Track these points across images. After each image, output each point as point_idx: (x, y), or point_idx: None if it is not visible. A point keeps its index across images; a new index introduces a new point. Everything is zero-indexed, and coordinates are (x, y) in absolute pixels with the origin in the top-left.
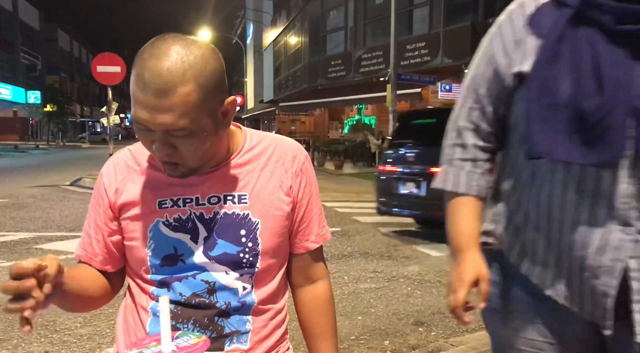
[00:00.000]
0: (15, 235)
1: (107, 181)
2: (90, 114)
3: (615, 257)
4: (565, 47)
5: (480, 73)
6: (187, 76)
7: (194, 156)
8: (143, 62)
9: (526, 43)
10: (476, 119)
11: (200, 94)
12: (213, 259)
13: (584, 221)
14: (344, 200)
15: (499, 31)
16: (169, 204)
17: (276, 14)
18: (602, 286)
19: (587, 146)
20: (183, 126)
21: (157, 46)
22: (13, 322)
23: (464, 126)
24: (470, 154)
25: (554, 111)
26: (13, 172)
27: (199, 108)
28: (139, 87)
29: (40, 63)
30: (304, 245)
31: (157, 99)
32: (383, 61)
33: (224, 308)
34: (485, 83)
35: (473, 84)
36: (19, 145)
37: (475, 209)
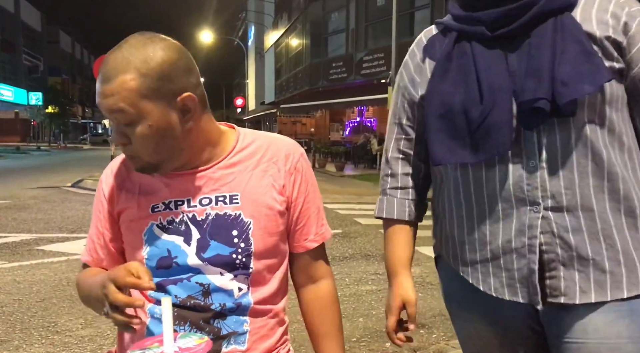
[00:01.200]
0: (16, 236)
1: (105, 187)
2: (92, 115)
3: (532, 234)
4: (453, 63)
5: (398, 106)
6: (130, 65)
7: (145, 148)
8: (105, 57)
9: (426, 70)
10: (403, 147)
11: (141, 83)
12: (206, 261)
13: (501, 211)
14: (345, 202)
15: (404, 67)
16: (162, 207)
17: (277, 16)
18: (528, 264)
19: (477, 146)
20: (122, 108)
21: (120, 42)
22: (14, 323)
23: (393, 157)
24: (401, 182)
25: (446, 120)
26: (14, 173)
27: (139, 94)
28: (97, 77)
29: (42, 65)
30: (303, 244)
31: (104, 85)
32: (384, 63)
33: (219, 309)
34: (404, 113)
35: (394, 117)
36: (21, 146)
37: (407, 234)
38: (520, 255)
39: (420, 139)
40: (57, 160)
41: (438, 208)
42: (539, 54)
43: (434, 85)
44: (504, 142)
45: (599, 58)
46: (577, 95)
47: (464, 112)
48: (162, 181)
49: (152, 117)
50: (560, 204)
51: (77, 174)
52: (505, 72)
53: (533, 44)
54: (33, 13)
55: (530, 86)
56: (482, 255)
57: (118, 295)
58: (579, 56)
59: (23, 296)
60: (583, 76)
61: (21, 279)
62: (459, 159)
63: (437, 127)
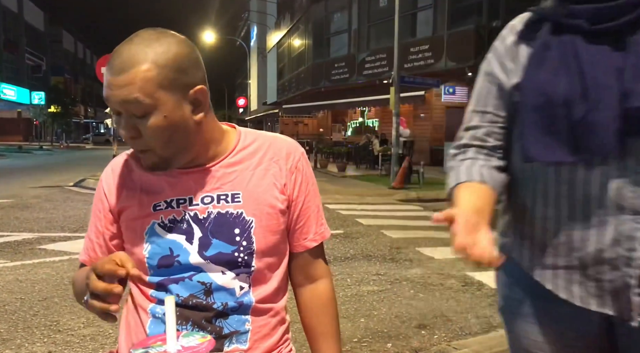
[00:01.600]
0: (19, 235)
1: (106, 185)
2: (94, 115)
3: (630, 247)
4: (551, 53)
5: (484, 93)
6: (147, 56)
7: (158, 140)
8: (114, 51)
9: (519, 56)
10: (483, 135)
11: (158, 73)
12: (208, 259)
13: (596, 217)
14: (346, 202)
15: (493, 52)
16: (163, 206)
17: (280, 17)
18: (623, 278)
19: (577, 145)
20: (137, 98)
21: (130, 37)
22: (17, 322)
23: (468, 144)
24: (470, 155)
25: (543, 112)
26: (17, 173)
27: (156, 84)
28: (107, 69)
29: (44, 64)
30: (302, 243)
31: (117, 77)
32: (387, 63)
33: (221, 309)
34: (489, 100)
35: (477, 104)
36: (23, 146)
37: (475, 191)
38: (614, 266)
39: (505, 131)
40: (60, 160)
41: (517, 206)
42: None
43: (530, 73)
44: (607, 142)
45: None
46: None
47: (565, 104)
48: (164, 180)
49: (167, 109)
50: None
51: (79, 173)
52: (612, 70)
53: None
54: (36, 13)
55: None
56: (568, 261)
57: (97, 283)
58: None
59: (25, 295)
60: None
61: (23, 278)
62: (556, 157)
63: (532, 121)
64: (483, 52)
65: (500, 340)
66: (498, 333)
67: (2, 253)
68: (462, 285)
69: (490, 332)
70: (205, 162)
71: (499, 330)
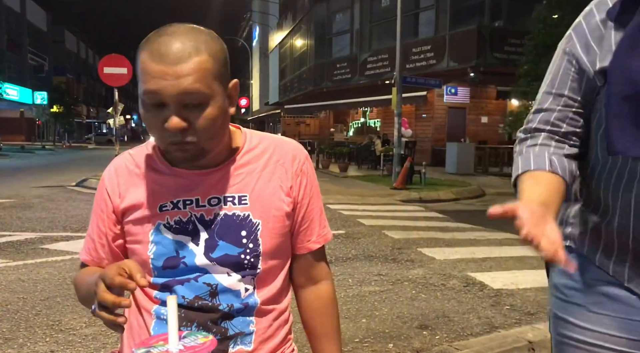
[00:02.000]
0: (21, 235)
1: (109, 185)
2: (97, 115)
3: None
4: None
5: (561, 74)
6: (201, 47)
7: (208, 131)
8: (154, 42)
9: (609, 38)
10: (555, 120)
11: (214, 64)
12: (214, 261)
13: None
14: (348, 203)
15: (576, 31)
16: (170, 206)
17: (282, 17)
18: None
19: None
20: (199, 89)
21: (164, 29)
22: (19, 321)
23: (538, 128)
24: (541, 141)
25: (633, 103)
26: (19, 172)
27: (213, 76)
28: (154, 60)
29: (47, 64)
30: (306, 245)
31: (174, 67)
32: (389, 63)
33: (227, 310)
34: (568, 83)
35: (552, 86)
36: (26, 145)
37: (543, 181)
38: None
39: (582, 117)
40: (62, 159)
41: (592, 197)
42: None
43: (620, 59)
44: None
45: None
46: None
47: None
48: (171, 180)
49: (220, 100)
50: None
51: (82, 173)
52: None
53: None
54: (39, 13)
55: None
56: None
57: (106, 294)
58: None
59: (27, 294)
60: None
61: (25, 277)
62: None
63: (620, 111)
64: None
65: (501, 341)
66: (500, 333)
67: (5, 253)
68: (464, 286)
69: (492, 333)
70: (214, 163)
71: (500, 330)
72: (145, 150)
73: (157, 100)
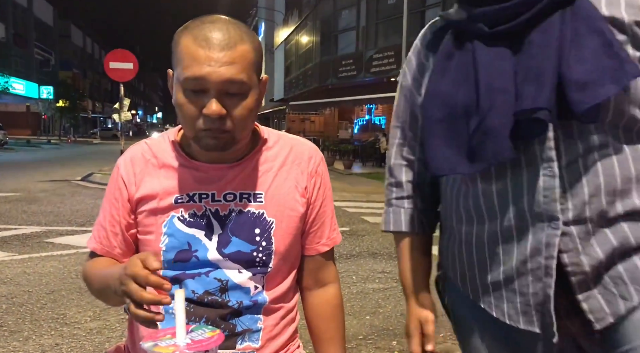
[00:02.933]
0: (27, 229)
1: (125, 173)
2: (102, 110)
3: (548, 254)
4: (454, 62)
5: (401, 108)
6: (245, 37)
7: (244, 121)
8: (198, 28)
9: (429, 67)
10: (406, 154)
11: (255, 55)
12: (227, 257)
13: (515, 227)
14: (353, 200)
15: (408, 65)
16: (185, 199)
17: (288, 13)
18: (544, 289)
19: (473, 155)
20: (243, 78)
21: (207, 18)
22: (24, 314)
23: (397, 164)
24: (406, 191)
25: (445, 125)
26: (25, 166)
27: (254, 68)
28: (199, 45)
29: (53, 59)
30: (315, 247)
31: (221, 53)
32: (394, 61)
33: (236, 307)
34: (406, 116)
35: (397, 119)
36: (31, 140)
37: (419, 247)
38: (537, 277)
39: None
40: (67, 154)
41: (446, 222)
42: (541, 54)
43: (432, 85)
44: (501, 150)
45: (623, 50)
46: (597, 99)
47: (464, 115)
48: (189, 173)
49: (256, 92)
50: (583, 216)
51: (87, 168)
52: (507, 72)
53: (535, 41)
54: (45, 7)
55: (530, 92)
56: (495, 276)
57: (144, 294)
58: (599, 49)
59: (33, 288)
60: (604, 74)
61: (31, 271)
62: (455, 170)
63: (435, 133)
64: None
65: None
66: None
67: (10, 246)
68: None
69: None
70: (232, 159)
71: None
72: (163, 141)
73: (199, 86)
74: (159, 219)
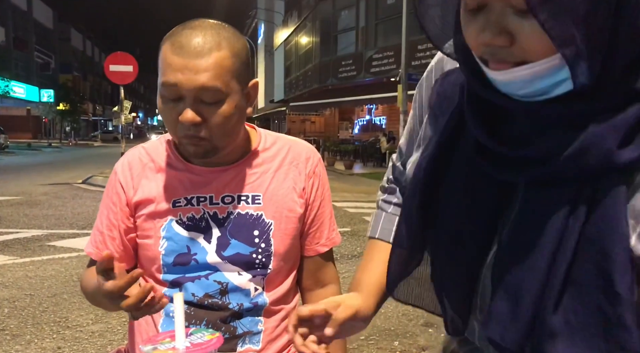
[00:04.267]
0: (28, 232)
1: (122, 177)
2: (103, 112)
3: None
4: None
5: (410, 127)
6: (223, 43)
7: (222, 129)
8: (177, 35)
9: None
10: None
11: (234, 62)
12: (226, 259)
13: None
14: (354, 200)
15: (423, 89)
16: (183, 202)
17: (287, 14)
18: None
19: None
20: (216, 85)
21: (189, 23)
22: (26, 318)
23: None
24: (397, 198)
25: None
26: (26, 170)
27: (232, 74)
28: (174, 53)
29: (53, 62)
30: (315, 247)
31: (195, 60)
32: (394, 61)
33: (237, 309)
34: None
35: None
36: (32, 143)
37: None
38: None
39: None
40: (68, 157)
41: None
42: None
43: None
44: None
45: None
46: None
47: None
48: (186, 176)
49: (236, 99)
50: None
51: (88, 171)
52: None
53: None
54: (45, 11)
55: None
56: None
57: (129, 301)
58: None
59: (35, 291)
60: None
61: (33, 274)
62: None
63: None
64: None
65: None
66: None
67: (12, 250)
68: None
69: None
70: (229, 161)
71: None
72: (159, 145)
73: (174, 93)
74: (157, 223)
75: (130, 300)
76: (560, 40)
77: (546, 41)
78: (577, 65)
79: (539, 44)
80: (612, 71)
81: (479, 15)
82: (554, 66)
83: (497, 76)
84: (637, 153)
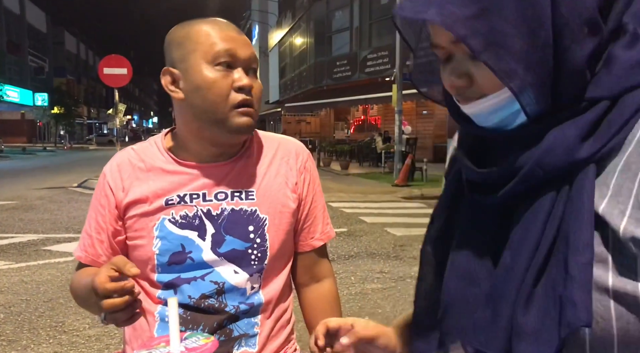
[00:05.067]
0: (23, 237)
1: (112, 180)
2: (97, 115)
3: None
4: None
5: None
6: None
7: (258, 103)
8: (204, 21)
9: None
10: None
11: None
12: (222, 256)
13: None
14: (350, 200)
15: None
16: (176, 200)
17: (281, 15)
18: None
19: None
20: (257, 59)
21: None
22: (22, 323)
23: None
24: None
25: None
26: (21, 174)
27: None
28: (221, 29)
29: (47, 65)
30: (310, 242)
31: (239, 35)
32: (389, 61)
33: (233, 312)
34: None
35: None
36: (27, 147)
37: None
38: None
39: None
40: (63, 160)
41: None
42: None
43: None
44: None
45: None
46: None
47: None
48: (177, 174)
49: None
50: None
51: (83, 174)
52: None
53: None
54: (38, 14)
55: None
56: None
57: (111, 302)
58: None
59: (30, 296)
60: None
61: (28, 279)
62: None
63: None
64: None
65: None
66: None
67: (7, 255)
68: None
69: None
70: (221, 158)
71: None
72: (149, 146)
73: (231, 58)
74: (149, 222)
75: (117, 300)
76: (503, 74)
77: (495, 78)
78: (524, 94)
79: (490, 81)
80: (564, 96)
81: (447, 65)
82: (507, 97)
83: (466, 109)
84: (599, 143)
